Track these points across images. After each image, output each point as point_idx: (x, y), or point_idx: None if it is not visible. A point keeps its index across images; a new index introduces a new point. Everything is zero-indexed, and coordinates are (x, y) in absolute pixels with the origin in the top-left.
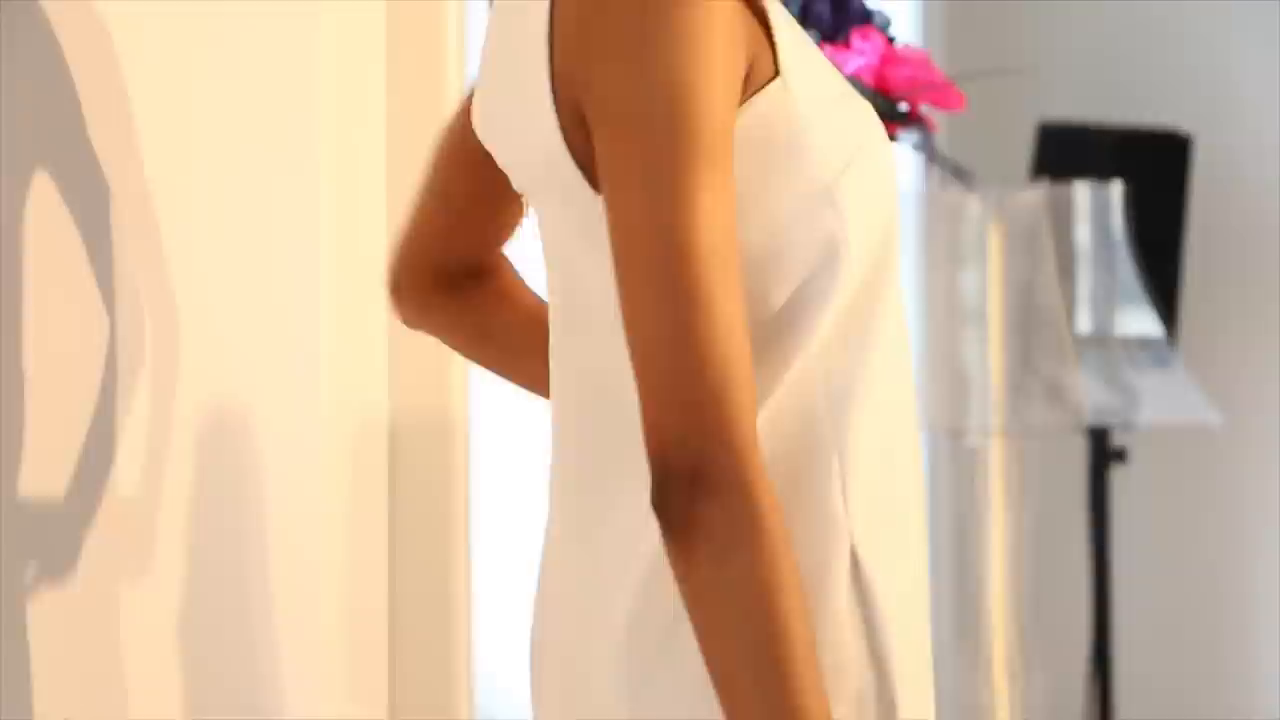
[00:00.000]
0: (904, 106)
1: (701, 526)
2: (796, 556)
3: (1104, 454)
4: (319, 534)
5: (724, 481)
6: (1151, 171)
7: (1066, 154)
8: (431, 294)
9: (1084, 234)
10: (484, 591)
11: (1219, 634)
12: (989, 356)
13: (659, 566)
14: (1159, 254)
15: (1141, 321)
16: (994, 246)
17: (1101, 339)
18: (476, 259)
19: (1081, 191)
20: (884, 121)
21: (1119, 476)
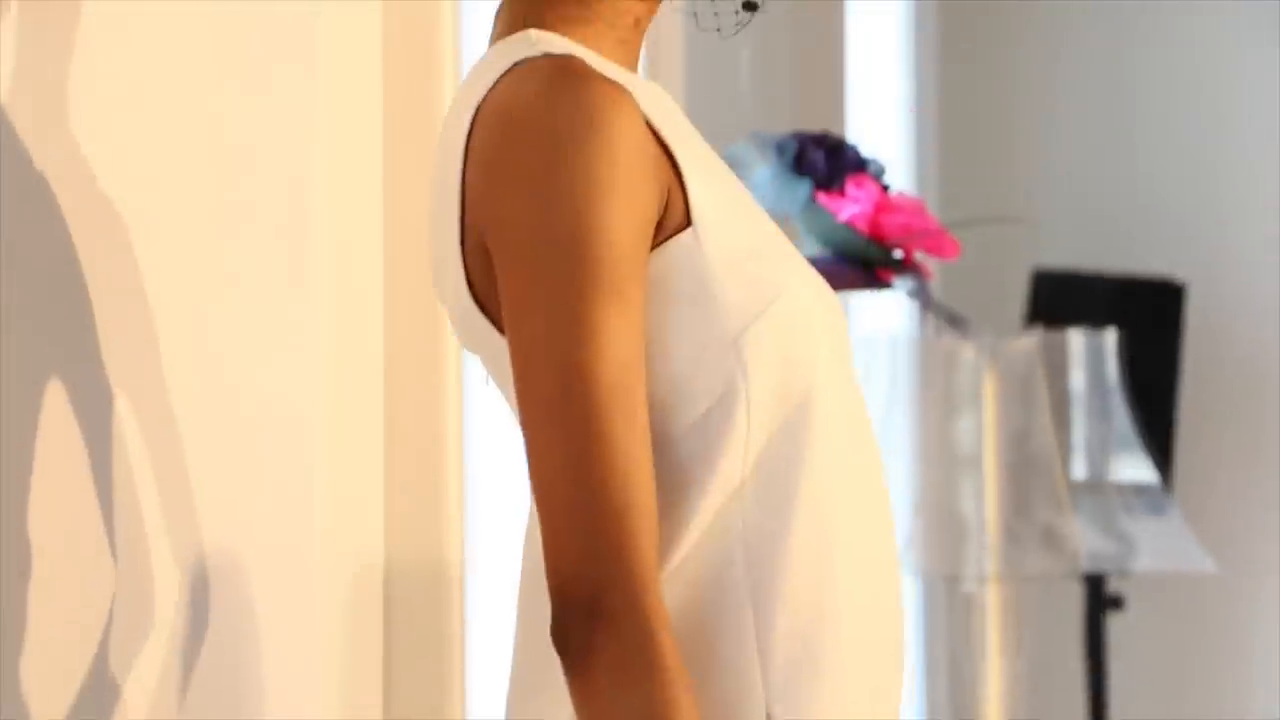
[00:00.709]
0: (899, 253)
1: (596, 656)
2: (700, 715)
3: (1100, 601)
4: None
5: (619, 611)
6: (1146, 319)
7: (1061, 301)
8: None
9: (1079, 381)
10: None
11: None
12: (984, 503)
13: None
14: (1153, 401)
15: (1137, 468)
16: (989, 393)
17: (1097, 485)
18: None
19: (1076, 339)
20: (879, 269)
21: (1116, 623)
